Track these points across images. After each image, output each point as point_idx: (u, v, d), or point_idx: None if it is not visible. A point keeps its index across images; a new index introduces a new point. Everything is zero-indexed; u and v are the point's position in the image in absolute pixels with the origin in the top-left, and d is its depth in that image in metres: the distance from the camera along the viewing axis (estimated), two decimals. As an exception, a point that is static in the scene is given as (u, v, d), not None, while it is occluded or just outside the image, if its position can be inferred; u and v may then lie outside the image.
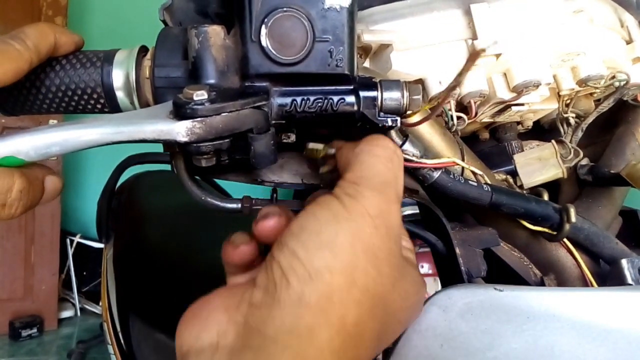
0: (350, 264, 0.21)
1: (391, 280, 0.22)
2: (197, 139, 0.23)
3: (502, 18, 0.37)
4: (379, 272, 0.22)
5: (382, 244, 0.22)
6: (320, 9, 0.25)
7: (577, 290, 0.35)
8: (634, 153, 0.47)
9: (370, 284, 0.21)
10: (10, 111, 0.31)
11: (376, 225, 0.22)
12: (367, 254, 0.21)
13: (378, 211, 0.23)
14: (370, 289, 0.21)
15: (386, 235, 0.23)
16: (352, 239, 0.21)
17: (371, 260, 0.21)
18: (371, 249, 0.22)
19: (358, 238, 0.22)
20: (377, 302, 0.22)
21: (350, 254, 0.21)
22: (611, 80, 0.41)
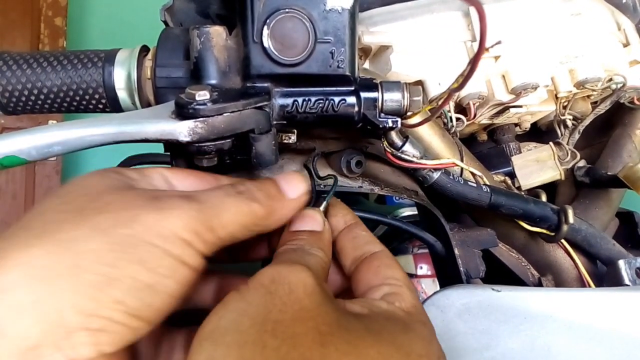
0: (236, 344, 0.17)
1: (312, 338, 0.18)
2: (199, 139, 0.24)
3: (501, 20, 0.38)
4: (285, 336, 0.18)
5: (286, 305, 0.19)
6: (321, 10, 0.26)
7: (575, 291, 0.36)
8: (630, 155, 0.47)
9: (270, 354, 0.17)
10: (11, 111, 0.31)
11: (271, 291, 0.19)
12: (261, 325, 0.18)
13: (271, 278, 0.20)
14: (270, 358, 0.17)
15: (290, 295, 0.19)
16: (238, 317, 0.18)
17: (269, 329, 0.18)
18: (267, 317, 0.18)
19: (245, 312, 0.19)
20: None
21: (234, 334, 0.18)
22: (608, 82, 0.41)
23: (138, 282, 0.19)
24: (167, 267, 0.20)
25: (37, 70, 0.29)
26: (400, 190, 0.34)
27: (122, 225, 0.19)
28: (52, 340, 0.17)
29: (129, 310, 0.19)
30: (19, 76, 0.29)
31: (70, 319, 0.18)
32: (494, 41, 0.35)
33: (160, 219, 0.20)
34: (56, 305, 0.18)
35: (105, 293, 0.18)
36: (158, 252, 0.19)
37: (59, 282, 0.18)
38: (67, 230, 0.19)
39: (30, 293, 0.17)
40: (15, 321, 0.17)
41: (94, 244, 0.19)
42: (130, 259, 0.19)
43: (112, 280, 0.18)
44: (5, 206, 1.62)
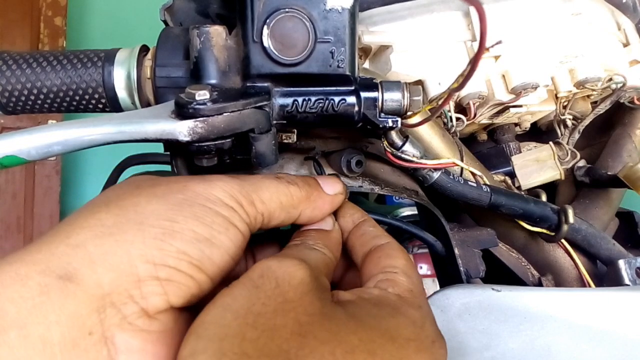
0: (217, 337, 0.18)
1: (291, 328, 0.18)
2: (199, 138, 0.24)
3: (501, 20, 0.38)
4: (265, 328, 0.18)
5: (269, 298, 0.19)
6: (321, 10, 0.26)
7: (575, 291, 0.36)
8: (630, 155, 0.47)
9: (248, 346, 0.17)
10: (10, 110, 0.31)
11: (258, 285, 0.20)
12: (243, 318, 0.18)
13: (260, 272, 0.20)
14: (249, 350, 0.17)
15: (276, 289, 0.20)
16: (222, 311, 0.19)
17: (249, 321, 0.18)
18: (249, 310, 0.19)
19: (229, 307, 0.19)
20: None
21: (216, 327, 0.18)
22: (608, 82, 0.41)
23: (197, 235, 0.20)
24: (220, 224, 0.21)
25: (37, 70, 0.29)
26: (400, 190, 0.34)
27: (176, 192, 0.22)
28: (124, 288, 0.18)
29: (192, 260, 0.20)
30: (19, 76, 0.29)
31: (140, 267, 0.19)
32: (494, 41, 0.35)
33: (207, 187, 0.22)
34: (126, 255, 0.19)
35: (169, 243, 0.20)
36: (211, 211, 0.21)
37: (126, 235, 0.19)
38: (128, 198, 0.21)
39: (101, 245, 0.19)
40: (89, 271, 0.18)
41: (154, 206, 0.21)
42: (187, 214, 0.21)
43: (175, 232, 0.20)
44: (5, 206, 1.62)
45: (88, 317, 0.18)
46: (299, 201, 0.25)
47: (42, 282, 0.17)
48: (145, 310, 0.19)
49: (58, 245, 0.19)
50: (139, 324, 0.19)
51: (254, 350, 0.17)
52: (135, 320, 0.19)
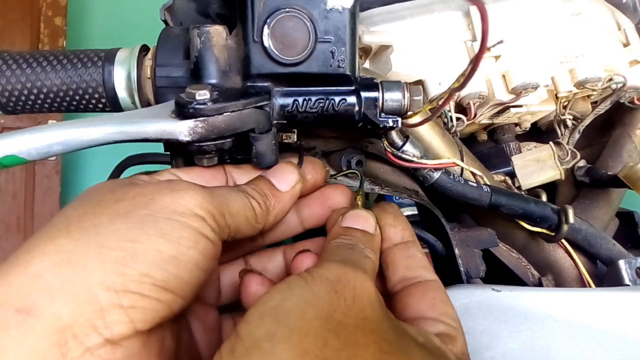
0: (299, 331, 0.17)
1: (372, 352, 0.18)
2: (200, 138, 0.24)
3: (502, 20, 0.38)
4: (347, 342, 0.17)
5: (350, 310, 0.19)
6: (322, 9, 0.26)
7: (575, 291, 0.36)
8: (630, 155, 0.47)
9: (330, 354, 0.17)
10: (10, 110, 0.31)
11: (337, 289, 0.19)
12: (325, 321, 0.18)
13: (337, 276, 0.20)
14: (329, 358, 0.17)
15: (355, 301, 0.19)
16: (303, 304, 0.18)
17: (332, 328, 0.18)
18: (331, 315, 0.18)
19: (311, 302, 0.18)
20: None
21: (298, 319, 0.18)
22: (608, 82, 0.41)
23: (162, 254, 0.19)
24: (188, 237, 0.20)
25: (37, 70, 0.29)
26: (400, 190, 0.34)
27: (141, 207, 0.20)
28: (86, 319, 0.18)
29: (156, 282, 0.19)
30: (19, 76, 0.29)
31: (101, 295, 0.18)
32: (496, 41, 0.35)
33: (176, 197, 0.21)
34: (85, 284, 0.18)
35: (131, 267, 0.19)
36: (178, 225, 0.20)
37: (85, 262, 0.18)
38: (89, 219, 0.20)
39: (59, 275, 0.18)
40: (48, 302, 0.17)
41: (116, 225, 0.19)
42: (152, 232, 0.19)
43: (137, 253, 0.19)
44: (5, 206, 1.62)
45: (49, 352, 0.17)
46: (262, 216, 0.25)
47: (0, 316, 0.17)
48: (109, 340, 0.18)
49: (17, 276, 0.18)
50: (102, 354, 0.18)
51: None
52: (98, 350, 0.18)
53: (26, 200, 1.63)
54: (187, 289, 0.20)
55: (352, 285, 0.20)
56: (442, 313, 0.23)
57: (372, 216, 0.26)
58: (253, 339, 0.17)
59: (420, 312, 0.23)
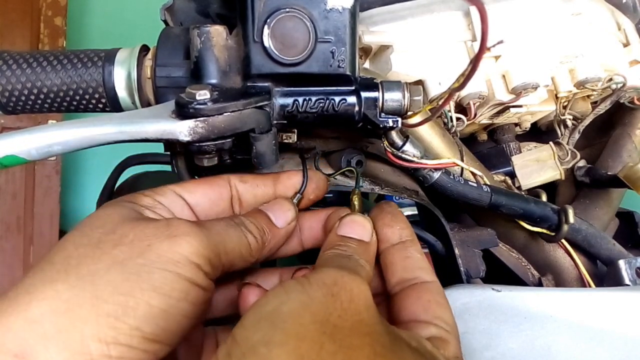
0: (295, 335, 0.17)
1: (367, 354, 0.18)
2: (200, 138, 0.24)
3: (502, 20, 0.38)
4: (342, 344, 0.18)
5: (346, 312, 0.19)
6: (322, 9, 0.25)
7: (575, 291, 0.36)
8: (630, 155, 0.47)
9: (326, 357, 0.17)
10: (10, 110, 0.31)
11: (334, 293, 0.19)
12: (321, 324, 0.18)
13: (334, 280, 0.20)
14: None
15: (351, 304, 0.19)
16: (300, 308, 0.19)
17: (328, 331, 0.18)
18: (327, 319, 0.18)
19: (307, 306, 0.19)
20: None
21: (295, 324, 0.18)
22: (608, 82, 0.41)
23: (153, 308, 0.20)
24: (180, 290, 0.21)
25: (37, 70, 0.29)
26: (400, 190, 0.34)
27: (137, 256, 0.21)
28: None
29: (146, 335, 0.20)
30: (19, 76, 0.29)
31: (92, 346, 0.19)
32: (495, 41, 0.35)
33: (172, 245, 0.21)
34: (79, 334, 0.19)
35: (122, 321, 0.19)
36: (171, 277, 0.21)
37: (80, 312, 0.19)
38: (88, 264, 0.21)
39: (56, 323, 0.19)
40: (42, 349, 0.18)
41: (112, 276, 0.20)
42: (144, 287, 0.20)
43: (129, 308, 0.20)
44: (5, 206, 1.62)
45: None
46: (256, 250, 0.25)
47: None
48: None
49: (16, 319, 0.19)
50: None
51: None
52: None
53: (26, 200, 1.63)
54: (174, 339, 0.21)
55: (348, 288, 0.20)
56: (435, 316, 0.23)
57: (368, 222, 0.26)
58: (250, 344, 0.17)
59: (415, 315, 0.23)
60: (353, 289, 0.20)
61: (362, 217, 0.26)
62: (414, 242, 0.26)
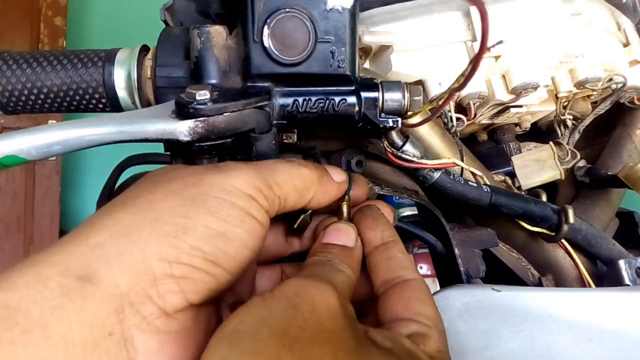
0: (252, 352, 0.17)
1: None
2: (200, 138, 0.24)
3: (502, 20, 0.38)
4: (302, 355, 0.18)
5: (306, 323, 0.19)
6: (322, 10, 0.26)
7: (575, 291, 0.36)
8: (630, 155, 0.47)
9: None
10: (11, 110, 0.31)
11: (295, 304, 0.19)
12: (280, 338, 0.18)
13: (295, 291, 0.20)
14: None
15: (312, 313, 0.19)
16: (258, 324, 0.19)
17: (287, 343, 0.18)
18: (287, 331, 0.18)
19: (265, 322, 0.19)
20: None
21: (252, 341, 0.18)
22: (608, 82, 0.41)
23: (211, 230, 0.20)
24: (235, 216, 0.21)
25: (37, 70, 0.29)
26: (400, 190, 0.34)
27: (192, 186, 0.21)
28: (141, 287, 0.19)
29: (206, 256, 0.20)
30: (19, 76, 0.29)
31: (155, 266, 0.19)
32: (495, 41, 0.35)
33: (224, 177, 0.22)
34: (141, 255, 0.19)
35: (183, 240, 0.20)
36: (226, 204, 0.21)
37: (141, 234, 0.20)
38: (145, 196, 0.21)
39: (117, 246, 0.19)
40: (106, 271, 0.19)
41: (169, 202, 0.21)
42: (201, 210, 0.21)
43: (188, 228, 0.20)
44: (5, 206, 1.62)
45: (107, 318, 0.18)
46: (312, 184, 0.25)
47: (62, 283, 0.18)
48: (164, 310, 0.19)
49: (77, 246, 0.19)
50: (158, 325, 0.19)
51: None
52: (154, 320, 0.19)
53: (26, 200, 1.63)
54: (234, 265, 0.21)
55: (310, 297, 0.20)
56: (416, 312, 0.23)
57: (352, 229, 0.26)
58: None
59: (396, 313, 0.23)
60: (315, 298, 0.20)
61: (345, 224, 0.26)
62: (396, 242, 0.27)
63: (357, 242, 0.26)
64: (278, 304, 0.19)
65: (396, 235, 0.27)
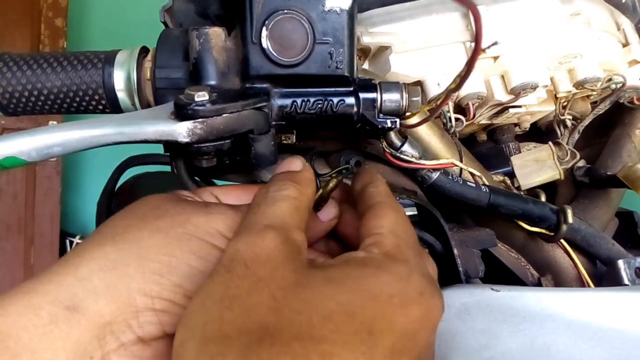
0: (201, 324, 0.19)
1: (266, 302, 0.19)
2: (198, 139, 0.24)
3: (500, 21, 0.38)
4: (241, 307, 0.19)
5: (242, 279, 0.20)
6: (320, 11, 0.26)
7: (574, 291, 0.36)
8: (630, 155, 0.47)
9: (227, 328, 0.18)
10: (11, 112, 0.31)
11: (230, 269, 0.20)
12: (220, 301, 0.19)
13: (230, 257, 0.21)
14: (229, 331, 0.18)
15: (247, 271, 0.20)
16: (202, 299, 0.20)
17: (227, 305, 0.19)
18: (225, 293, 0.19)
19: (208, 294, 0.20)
20: None
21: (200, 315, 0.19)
22: (608, 82, 0.41)
23: (193, 269, 0.22)
24: (215, 256, 0.22)
25: (37, 72, 0.29)
26: (399, 190, 0.34)
27: (178, 226, 0.23)
28: (123, 318, 0.20)
29: (187, 293, 0.21)
30: (19, 77, 0.29)
31: (138, 300, 0.21)
32: (490, 42, 0.35)
33: (208, 220, 0.23)
34: (126, 288, 0.21)
35: (166, 278, 0.21)
36: (207, 245, 0.23)
37: (127, 270, 0.21)
38: (133, 232, 0.22)
39: (104, 279, 0.21)
40: (92, 302, 0.20)
41: (155, 240, 0.22)
42: (185, 250, 0.22)
43: (172, 267, 0.22)
44: (6, 206, 1.62)
45: (90, 343, 0.20)
46: None
47: (51, 311, 0.20)
48: (141, 338, 0.21)
49: (67, 276, 0.21)
50: (134, 350, 0.21)
51: (234, 330, 0.18)
52: (131, 347, 0.21)
53: (27, 201, 1.64)
54: None
55: (242, 258, 0.20)
56: (371, 227, 0.23)
57: (299, 159, 0.27)
58: (174, 352, 0.19)
59: (361, 237, 0.24)
60: (246, 256, 0.20)
61: (291, 156, 0.27)
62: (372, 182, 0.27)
63: (304, 165, 0.27)
64: (217, 275, 0.21)
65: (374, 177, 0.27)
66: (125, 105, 0.30)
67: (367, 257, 0.21)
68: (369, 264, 0.21)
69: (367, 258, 0.21)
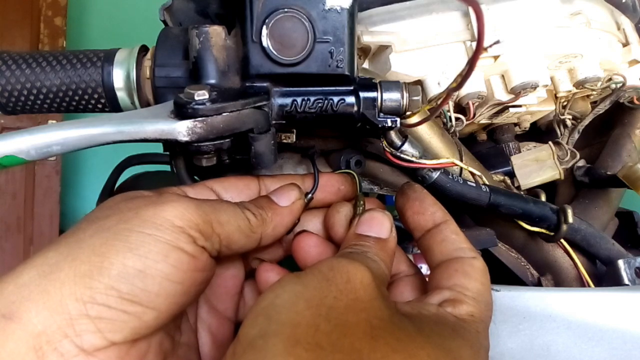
0: (290, 323, 0.18)
1: (363, 329, 0.18)
2: (198, 138, 0.24)
3: (501, 20, 0.38)
4: (338, 323, 0.18)
5: (341, 293, 0.19)
6: (320, 10, 0.26)
7: (574, 291, 0.36)
8: (630, 155, 0.47)
9: (321, 338, 0.18)
10: (10, 110, 0.31)
11: (329, 278, 0.20)
12: (316, 308, 0.18)
13: (330, 266, 0.20)
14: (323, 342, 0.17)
15: (347, 284, 0.20)
16: (294, 298, 0.19)
17: (323, 313, 0.18)
18: (322, 302, 0.19)
19: (301, 295, 0.19)
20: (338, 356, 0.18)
21: (289, 313, 0.18)
22: (608, 82, 0.41)
23: (128, 268, 0.20)
24: (157, 252, 0.21)
25: (37, 70, 0.29)
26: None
27: (123, 222, 0.21)
28: (57, 326, 0.19)
29: (122, 295, 0.20)
30: (19, 76, 0.29)
31: (71, 306, 0.19)
32: (492, 41, 0.35)
33: (158, 210, 0.22)
34: (58, 294, 0.19)
35: (98, 280, 0.20)
36: (149, 239, 0.21)
37: (60, 274, 0.20)
38: (76, 233, 0.21)
39: (39, 285, 0.20)
40: (26, 310, 0.19)
41: (93, 240, 0.21)
42: (120, 248, 0.21)
43: (103, 268, 0.20)
44: (5, 206, 1.62)
45: (26, 355, 0.19)
46: (257, 226, 0.25)
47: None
48: (81, 349, 0.19)
49: (8, 284, 0.20)
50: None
51: (328, 344, 0.17)
52: (72, 358, 0.19)
53: (26, 201, 1.64)
54: (159, 301, 0.21)
55: (344, 270, 0.20)
56: (455, 283, 0.23)
57: (387, 219, 0.26)
58: (248, 339, 0.18)
59: (438, 285, 0.23)
60: (349, 270, 0.20)
61: (380, 212, 0.26)
62: (448, 223, 0.26)
63: (392, 232, 0.26)
64: (312, 278, 0.20)
65: (447, 215, 0.26)
66: (124, 104, 0.30)
67: (440, 315, 0.21)
68: (444, 323, 0.21)
69: (441, 316, 0.21)
